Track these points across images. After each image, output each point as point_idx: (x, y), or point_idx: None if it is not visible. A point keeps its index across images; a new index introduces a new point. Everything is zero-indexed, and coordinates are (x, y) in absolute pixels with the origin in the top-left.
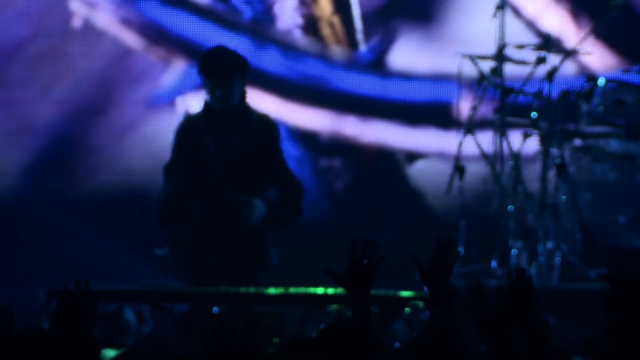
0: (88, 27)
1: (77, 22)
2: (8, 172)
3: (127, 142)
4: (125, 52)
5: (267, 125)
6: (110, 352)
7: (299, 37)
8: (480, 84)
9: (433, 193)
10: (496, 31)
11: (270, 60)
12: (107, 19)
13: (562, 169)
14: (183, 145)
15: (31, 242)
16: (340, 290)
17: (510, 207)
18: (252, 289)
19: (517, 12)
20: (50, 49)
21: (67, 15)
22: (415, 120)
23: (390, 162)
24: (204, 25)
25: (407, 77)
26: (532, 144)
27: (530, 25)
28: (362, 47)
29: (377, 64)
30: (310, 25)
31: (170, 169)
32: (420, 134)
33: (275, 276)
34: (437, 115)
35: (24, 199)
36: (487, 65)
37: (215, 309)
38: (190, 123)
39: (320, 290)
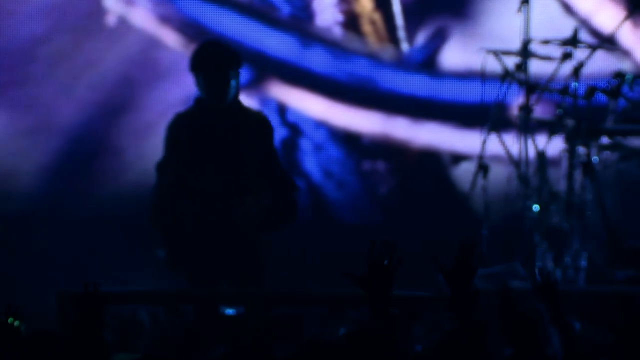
0: (110, 23)
1: (111, 20)
2: (27, 172)
3: (150, 141)
4: (149, 49)
5: (261, 122)
6: (121, 356)
7: (340, 34)
8: (504, 81)
9: (478, 195)
10: (521, 26)
11: (316, 60)
12: (143, 17)
13: (588, 167)
14: (175, 143)
15: (49, 244)
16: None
17: (536, 207)
18: (268, 291)
19: (568, 9)
20: (70, 46)
21: (88, 11)
22: (465, 122)
23: (436, 164)
24: (246, 23)
25: (457, 76)
26: (558, 142)
27: (583, 22)
28: (404, 45)
29: (427, 64)
30: (351, 22)
31: (162, 167)
32: (470, 135)
33: (314, 278)
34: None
35: (43, 199)
36: (512, 61)
37: (230, 311)
38: (181, 120)
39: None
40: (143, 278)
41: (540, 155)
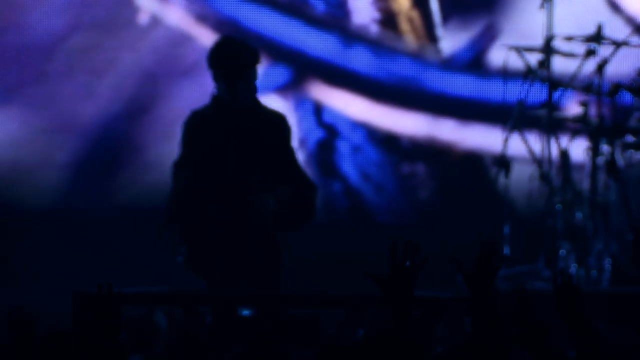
0: (132, 19)
1: (143, 18)
2: (48, 172)
3: (171, 141)
4: (172, 45)
5: (278, 121)
6: (137, 358)
7: (380, 33)
8: (526, 78)
9: (521, 198)
10: (544, 22)
11: (358, 59)
12: (178, 15)
13: (612, 166)
14: (192, 141)
15: (69, 243)
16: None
17: (559, 206)
18: (284, 292)
19: (616, 8)
20: (91, 43)
21: (110, 7)
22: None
23: (478, 166)
24: (285, 22)
25: (504, 77)
26: (581, 141)
27: (630, 20)
28: (442, 43)
29: (474, 63)
30: (388, 19)
31: (179, 165)
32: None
33: (350, 281)
34: (532, 117)
35: (64, 200)
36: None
37: (246, 312)
38: (198, 118)
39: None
40: (163, 278)
41: (564, 153)
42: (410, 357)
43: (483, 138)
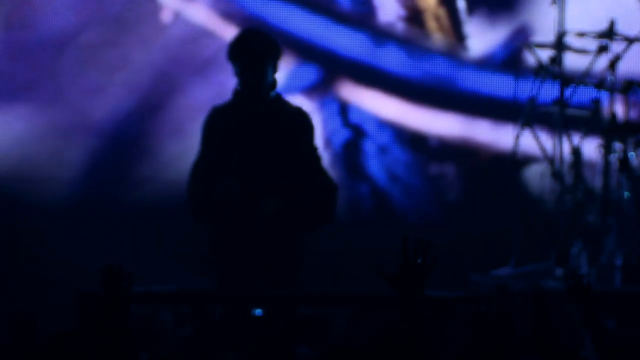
0: (145, 14)
1: (166, 16)
2: (59, 170)
3: (185, 140)
4: (186, 43)
5: (300, 117)
6: (145, 357)
7: (405, 30)
8: (538, 75)
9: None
10: (556, 18)
11: (390, 58)
12: (203, 13)
13: (625, 164)
14: (211, 138)
15: (79, 244)
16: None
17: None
18: (296, 291)
19: None
20: (104, 39)
21: (119, 3)
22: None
23: (506, 166)
24: (314, 20)
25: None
26: (594, 138)
27: None
28: (470, 41)
29: (510, 62)
30: (415, 17)
31: (199, 161)
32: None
33: (373, 281)
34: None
35: (75, 199)
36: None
37: (257, 312)
38: (219, 113)
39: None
40: (173, 278)
41: (576, 151)
42: (418, 357)
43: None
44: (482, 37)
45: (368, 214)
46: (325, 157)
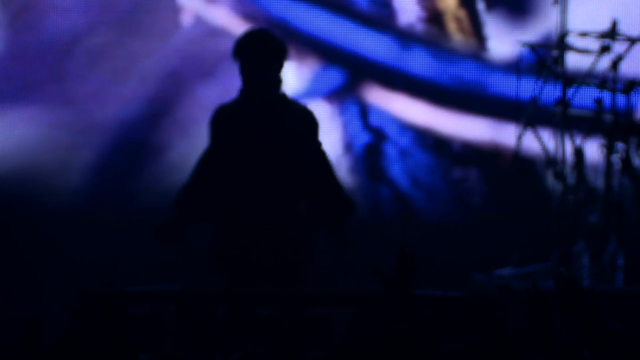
0: (154, 15)
1: (187, 19)
2: (67, 173)
3: (193, 141)
4: (196, 42)
5: (305, 115)
6: (145, 356)
7: (426, 32)
8: (540, 74)
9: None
10: (558, 18)
11: (417, 62)
12: (225, 15)
13: (627, 164)
14: (216, 136)
15: (86, 247)
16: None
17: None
18: (299, 289)
19: None
20: (111, 41)
21: (128, 5)
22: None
23: (530, 170)
24: (340, 23)
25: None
26: (596, 138)
27: None
28: (490, 42)
29: (539, 66)
30: (435, 19)
31: (203, 158)
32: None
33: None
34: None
35: (83, 202)
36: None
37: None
38: (224, 112)
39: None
40: (183, 280)
41: (578, 151)
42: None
43: (548, 142)
44: (504, 39)
45: (390, 218)
46: (346, 161)
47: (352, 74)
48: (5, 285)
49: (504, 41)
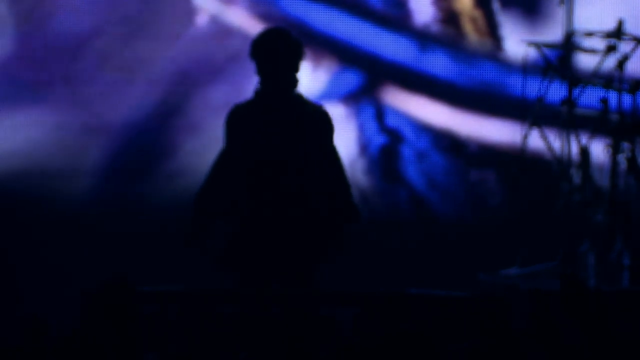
0: (165, 16)
1: (202, 19)
2: (80, 174)
3: (203, 142)
4: (206, 43)
5: (321, 118)
6: (151, 356)
7: (444, 33)
8: (546, 74)
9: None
10: (564, 18)
11: (436, 64)
12: (241, 15)
13: (632, 164)
14: (231, 136)
15: (97, 249)
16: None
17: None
18: (305, 289)
19: None
20: (120, 41)
21: (137, 5)
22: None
23: (546, 171)
24: (357, 24)
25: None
26: (602, 138)
27: None
28: (507, 43)
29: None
30: (451, 19)
31: (223, 158)
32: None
33: (410, 283)
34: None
35: (96, 202)
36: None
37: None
38: (239, 112)
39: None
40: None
41: (584, 151)
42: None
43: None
44: (520, 40)
45: (406, 219)
46: (362, 162)
47: (369, 76)
48: (15, 286)
49: (520, 42)
